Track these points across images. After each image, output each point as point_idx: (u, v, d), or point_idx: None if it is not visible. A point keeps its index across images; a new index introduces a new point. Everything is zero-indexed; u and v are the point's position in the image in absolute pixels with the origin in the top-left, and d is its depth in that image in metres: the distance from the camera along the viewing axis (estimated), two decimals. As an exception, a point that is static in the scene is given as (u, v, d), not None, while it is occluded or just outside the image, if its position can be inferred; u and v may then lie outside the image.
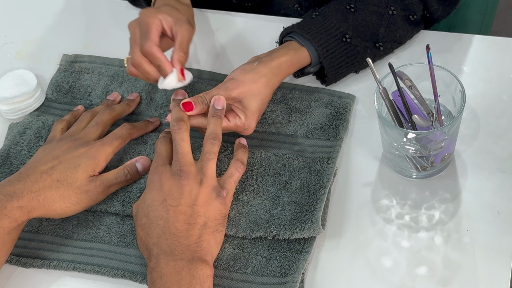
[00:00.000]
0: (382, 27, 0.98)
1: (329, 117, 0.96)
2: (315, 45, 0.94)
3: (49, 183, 0.85)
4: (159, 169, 0.84)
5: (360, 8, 0.98)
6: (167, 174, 0.83)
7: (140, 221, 0.82)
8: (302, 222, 0.85)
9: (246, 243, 0.86)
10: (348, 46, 0.96)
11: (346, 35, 0.96)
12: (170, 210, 0.81)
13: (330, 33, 0.96)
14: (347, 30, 0.96)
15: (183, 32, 0.93)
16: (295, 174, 0.90)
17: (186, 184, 0.82)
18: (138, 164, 0.92)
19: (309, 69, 0.97)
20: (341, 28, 0.96)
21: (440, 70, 0.85)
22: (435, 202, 0.88)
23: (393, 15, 0.98)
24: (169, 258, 0.78)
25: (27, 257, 0.88)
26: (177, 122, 0.86)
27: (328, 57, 0.95)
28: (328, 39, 0.95)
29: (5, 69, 1.07)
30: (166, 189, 0.82)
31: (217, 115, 0.88)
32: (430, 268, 0.83)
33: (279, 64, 0.92)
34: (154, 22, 0.92)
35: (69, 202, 0.85)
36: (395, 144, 0.86)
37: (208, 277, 0.79)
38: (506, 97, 0.96)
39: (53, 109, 1.03)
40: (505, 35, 1.08)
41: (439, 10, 1.02)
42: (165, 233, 0.80)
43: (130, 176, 0.91)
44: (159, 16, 0.93)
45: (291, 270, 0.82)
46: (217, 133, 0.86)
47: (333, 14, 0.97)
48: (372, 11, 0.98)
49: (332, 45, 0.95)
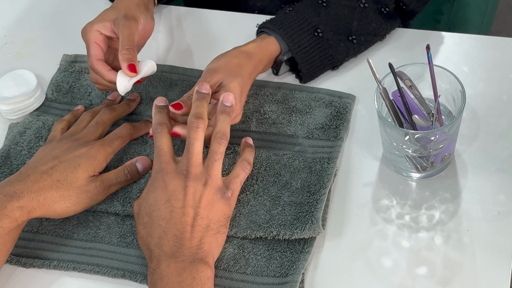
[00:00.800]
0: (355, 20, 0.99)
1: (330, 117, 0.96)
2: (286, 40, 0.96)
3: (49, 183, 0.85)
4: (163, 167, 0.83)
5: (332, 2, 0.99)
6: (172, 174, 0.83)
7: (142, 220, 0.82)
8: (302, 223, 0.85)
9: (246, 243, 0.86)
10: (321, 40, 0.97)
11: (318, 29, 0.97)
12: (173, 211, 0.81)
13: (302, 27, 0.97)
14: (319, 24, 0.97)
15: (121, 30, 0.93)
16: (296, 174, 0.90)
17: (191, 185, 0.82)
18: (138, 164, 0.92)
19: (281, 57, 0.97)
20: (313, 22, 0.97)
21: (440, 70, 0.85)
22: (435, 202, 0.88)
23: (364, 8, 1.00)
24: (170, 260, 0.78)
25: (27, 257, 0.88)
26: (196, 119, 0.84)
27: (300, 52, 0.96)
28: (300, 33, 0.96)
29: (5, 69, 1.07)
30: (170, 189, 0.82)
31: (226, 112, 0.87)
32: (430, 268, 0.83)
33: (247, 49, 0.95)
34: (91, 37, 0.94)
35: (69, 202, 0.85)
36: (395, 144, 0.86)
37: (209, 279, 0.79)
38: (506, 97, 0.96)
39: (53, 109, 1.03)
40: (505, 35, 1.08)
41: (414, 2, 1.02)
42: (167, 234, 0.80)
43: (130, 176, 0.91)
44: (94, 28, 0.94)
45: (291, 270, 0.82)
46: (225, 132, 0.85)
47: (305, 9, 0.99)
48: (344, 5, 0.99)
49: (304, 40, 0.97)
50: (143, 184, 0.91)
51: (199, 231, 0.80)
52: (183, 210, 0.81)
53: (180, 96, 1.00)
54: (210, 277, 0.79)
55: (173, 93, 1.01)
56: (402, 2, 1.02)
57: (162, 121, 0.87)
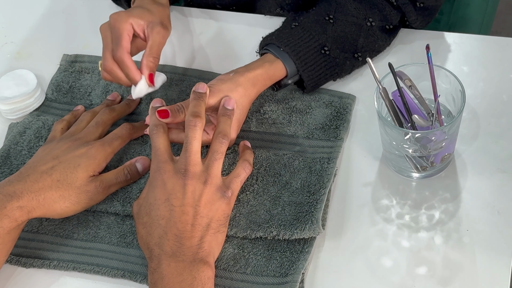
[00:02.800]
0: (361, 37, 0.98)
1: (330, 117, 0.96)
2: (293, 58, 0.94)
3: (49, 183, 0.85)
4: (161, 166, 0.83)
5: (339, 19, 0.98)
6: (170, 173, 0.82)
7: (142, 220, 0.82)
8: (302, 223, 0.85)
9: (246, 243, 0.86)
10: (327, 58, 0.96)
11: (325, 47, 0.96)
12: (173, 210, 0.81)
13: (309, 45, 0.95)
14: (326, 42, 0.96)
15: (154, 36, 0.92)
16: (295, 174, 0.90)
17: (189, 184, 0.81)
18: (138, 164, 0.92)
19: (286, 81, 0.96)
20: (320, 40, 0.96)
21: (440, 70, 0.85)
22: (435, 202, 0.88)
23: (371, 27, 0.98)
24: (170, 260, 0.78)
25: (27, 257, 0.88)
26: (194, 118, 0.84)
27: (307, 70, 0.95)
28: (306, 51, 0.95)
29: (5, 69, 1.07)
30: (169, 188, 0.82)
31: (227, 115, 0.87)
32: (430, 268, 0.83)
33: (255, 75, 0.92)
34: (125, 28, 0.92)
35: (69, 202, 0.85)
36: (395, 144, 0.86)
37: (210, 279, 0.79)
38: (506, 97, 0.96)
39: (53, 109, 1.03)
40: (505, 35, 1.08)
41: (418, 20, 1.02)
42: (167, 234, 0.80)
43: (130, 176, 0.91)
44: (129, 21, 0.92)
45: (291, 270, 0.82)
46: (227, 132, 0.86)
47: (312, 26, 0.97)
48: (351, 22, 0.98)
49: (311, 58, 0.95)
50: (143, 184, 0.91)
51: (199, 230, 0.80)
52: (182, 209, 0.81)
53: (179, 96, 1.01)
54: (211, 277, 0.79)
55: (173, 93, 1.01)
56: (407, 20, 1.02)
57: (158, 122, 0.86)
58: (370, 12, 0.98)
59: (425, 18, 1.02)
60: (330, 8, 0.98)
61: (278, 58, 0.94)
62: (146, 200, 0.83)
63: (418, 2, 1.00)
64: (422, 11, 1.01)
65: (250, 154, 0.90)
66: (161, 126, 0.86)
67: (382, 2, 0.99)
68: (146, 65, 0.92)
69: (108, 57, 0.93)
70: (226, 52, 1.07)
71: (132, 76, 0.92)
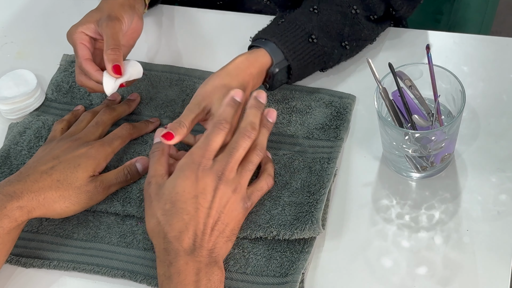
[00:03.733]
0: (347, 26, 0.98)
1: (330, 117, 0.96)
2: (281, 47, 0.93)
3: (49, 183, 0.85)
4: (203, 161, 0.82)
5: (324, 9, 0.98)
6: (207, 171, 0.82)
7: (163, 205, 0.81)
8: (302, 223, 0.85)
9: (246, 243, 0.86)
10: (316, 46, 0.96)
11: (312, 36, 0.96)
12: (199, 210, 0.80)
13: (296, 34, 0.95)
14: (313, 30, 0.96)
15: (105, 30, 0.93)
16: (295, 174, 0.90)
17: (221, 189, 0.81)
18: (138, 165, 0.92)
19: (273, 69, 0.95)
20: (307, 29, 0.96)
21: (440, 70, 0.85)
22: (435, 202, 0.88)
23: (356, 14, 0.99)
24: (189, 258, 0.78)
25: (27, 257, 0.88)
26: (252, 130, 0.84)
27: (296, 59, 0.94)
28: (294, 40, 0.95)
29: (5, 69, 1.07)
30: (201, 187, 0.81)
31: (267, 127, 0.87)
32: (430, 268, 0.83)
33: (235, 65, 0.92)
34: (77, 38, 0.94)
35: (69, 202, 0.85)
36: (395, 144, 0.86)
37: (221, 283, 0.79)
38: (506, 97, 0.96)
39: (53, 109, 1.03)
40: (505, 35, 1.08)
41: (404, 6, 1.02)
42: (188, 230, 0.79)
43: (130, 177, 0.91)
44: (79, 30, 0.94)
45: (291, 270, 0.82)
46: (264, 145, 0.86)
47: (297, 17, 0.97)
48: (336, 11, 0.98)
49: (299, 46, 0.95)
50: (143, 184, 0.91)
51: (215, 236, 0.81)
52: (208, 212, 0.80)
53: (179, 95, 1.01)
54: (222, 281, 0.79)
55: (173, 93, 1.01)
56: (392, 8, 1.02)
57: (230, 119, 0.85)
58: (354, 1, 0.99)
59: (410, 3, 1.02)
60: (314, 0, 0.99)
61: (260, 47, 0.94)
62: (173, 188, 0.81)
63: None
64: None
65: (272, 167, 0.90)
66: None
67: None
68: (107, 59, 0.91)
69: (76, 71, 0.95)
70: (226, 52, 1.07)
71: (95, 78, 0.92)
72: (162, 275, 0.79)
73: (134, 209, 0.89)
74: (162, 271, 0.79)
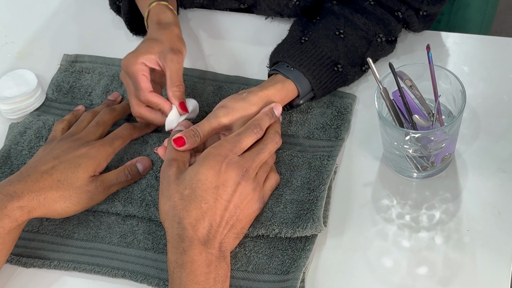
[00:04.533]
0: (369, 51, 0.98)
1: (330, 117, 0.96)
2: (309, 77, 0.93)
3: (50, 183, 0.85)
4: (229, 155, 0.83)
5: (349, 33, 0.97)
6: (232, 164, 0.82)
7: (183, 190, 0.81)
8: (304, 221, 0.85)
9: (247, 241, 0.86)
10: (340, 74, 0.95)
11: (338, 65, 0.95)
12: (218, 201, 0.80)
13: (322, 62, 0.94)
14: (339, 60, 0.95)
15: (169, 65, 0.91)
16: (295, 172, 0.90)
17: (243, 185, 0.82)
18: (138, 165, 0.92)
19: (298, 101, 0.95)
20: (333, 57, 0.95)
21: (441, 70, 0.85)
22: (435, 202, 0.88)
23: (381, 42, 0.98)
24: (202, 248, 0.78)
25: (28, 257, 0.88)
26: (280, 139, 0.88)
27: (321, 88, 0.94)
28: (320, 69, 0.94)
29: (5, 69, 1.07)
30: (223, 178, 0.81)
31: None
32: (430, 268, 0.83)
33: (267, 95, 0.91)
34: (138, 69, 0.91)
35: (70, 202, 0.85)
36: (395, 144, 0.86)
37: (228, 277, 0.80)
38: (506, 97, 0.96)
39: (53, 109, 1.03)
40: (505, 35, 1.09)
41: (419, 27, 1.02)
42: (204, 220, 0.79)
43: (131, 177, 0.91)
44: (139, 61, 0.91)
45: (292, 268, 0.83)
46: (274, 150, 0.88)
47: (323, 41, 0.96)
48: (361, 36, 0.97)
49: (324, 75, 0.94)
50: (143, 185, 0.91)
51: (227, 229, 0.81)
52: (226, 205, 0.81)
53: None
54: (228, 276, 0.80)
55: (173, 93, 1.01)
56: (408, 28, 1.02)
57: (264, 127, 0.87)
58: (378, 27, 0.98)
59: (425, 24, 1.02)
60: (339, 23, 0.97)
61: (289, 78, 0.93)
62: (196, 174, 0.81)
63: (422, 11, 1.00)
64: (423, 18, 1.01)
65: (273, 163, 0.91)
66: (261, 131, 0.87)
67: (388, 17, 0.98)
68: (173, 96, 0.91)
69: (134, 103, 0.93)
70: (226, 52, 1.07)
71: (163, 108, 0.91)
72: (173, 262, 0.78)
73: (135, 209, 0.89)
74: (174, 258, 0.78)
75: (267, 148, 0.86)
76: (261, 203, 0.85)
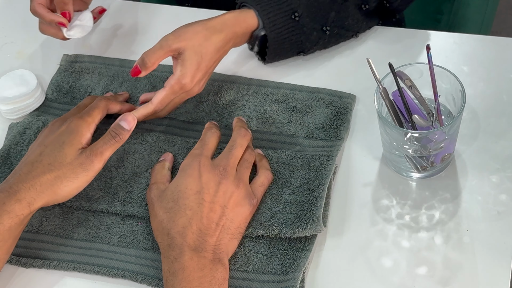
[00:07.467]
0: (333, 11, 0.98)
1: (330, 117, 0.96)
2: (263, 17, 0.94)
3: (42, 169, 0.84)
4: (202, 159, 0.85)
5: None
6: (208, 167, 0.84)
7: (166, 204, 0.82)
8: (303, 221, 0.85)
9: (247, 241, 0.86)
10: (296, 24, 0.96)
11: (296, 13, 0.96)
12: (202, 205, 0.81)
13: (281, 8, 0.96)
14: (298, 8, 0.96)
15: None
16: (295, 172, 0.90)
17: (224, 184, 0.83)
18: (122, 123, 0.89)
19: (258, 32, 0.96)
20: (292, 4, 0.96)
21: (440, 70, 0.85)
22: (435, 202, 0.88)
23: (345, 2, 0.98)
24: (193, 253, 0.78)
25: (27, 257, 0.88)
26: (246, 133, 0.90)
27: (273, 31, 0.95)
28: (277, 13, 0.95)
29: (5, 69, 1.07)
30: (204, 182, 0.82)
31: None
32: (430, 268, 0.83)
33: (222, 20, 0.93)
34: None
35: (67, 180, 0.84)
36: (395, 144, 0.86)
37: (225, 280, 0.79)
38: (506, 97, 0.96)
39: (53, 109, 1.03)
40: (505, 35, 1.08)
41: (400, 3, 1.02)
42: (191, 226, 0.80)
43: (119, 137, 0.88)
44: None
45: (292, 268, 0.83)
46: (251, 146, 0.91)
47: None
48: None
49: (279, 20, 0.95)
50: (143, 185, 0.91)
51: (218, 231, 0.81)
52: (211, 206, 0.81)
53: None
54: (226, 279, 0.80)
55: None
56: (387, 2, 1.01)
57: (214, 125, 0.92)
58: None
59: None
60: None
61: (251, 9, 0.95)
62: (176, 187, 0.83)
63: None
64: None
65: (267, 162, 0.91)
66: (218, 130, 0.91)
67: None
68: None
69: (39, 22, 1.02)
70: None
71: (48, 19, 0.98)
72: (166, 271, 0.79)
73: (135, 209, 0.89)
74: (166, 267, 0.79)
75: (236, 143, 0.88)
76: (253, 199, 0.85)
